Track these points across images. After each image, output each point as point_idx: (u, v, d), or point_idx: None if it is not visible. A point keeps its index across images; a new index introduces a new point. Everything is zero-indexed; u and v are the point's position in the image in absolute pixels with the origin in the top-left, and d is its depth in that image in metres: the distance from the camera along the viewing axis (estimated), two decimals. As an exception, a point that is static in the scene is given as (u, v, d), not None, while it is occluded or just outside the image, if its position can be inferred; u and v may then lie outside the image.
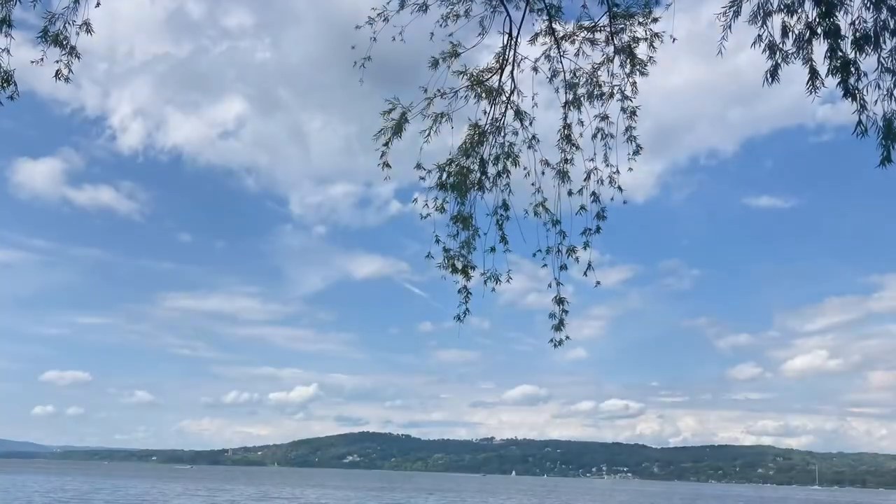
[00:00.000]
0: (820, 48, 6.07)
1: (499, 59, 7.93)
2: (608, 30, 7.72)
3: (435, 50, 7.75)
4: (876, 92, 5.85)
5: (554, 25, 7.85)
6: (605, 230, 8.08)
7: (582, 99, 8.03)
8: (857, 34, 5.87)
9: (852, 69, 5.92)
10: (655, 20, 7.56)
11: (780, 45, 6.26)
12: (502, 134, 8.17)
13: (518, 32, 7.79)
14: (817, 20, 6.04)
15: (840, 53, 5.94)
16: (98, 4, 6.59)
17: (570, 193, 8.13)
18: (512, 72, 7.97)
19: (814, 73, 6.15)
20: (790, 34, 6.19)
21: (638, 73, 7.77)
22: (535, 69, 8.00)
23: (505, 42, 7.84)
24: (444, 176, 8.05)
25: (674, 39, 7.53)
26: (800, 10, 6.15)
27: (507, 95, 8.05)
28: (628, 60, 7.74)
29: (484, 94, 8.00)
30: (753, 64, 6.44)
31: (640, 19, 7.60)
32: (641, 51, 7.69)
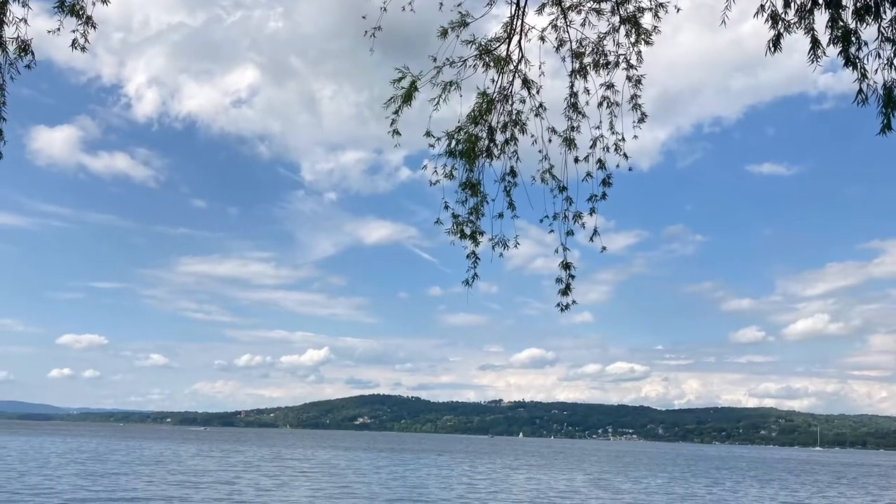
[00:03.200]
0: (821, 18, 6.15)
1: (507, 28, 8.02)
2: (614, 0, 7.81)
3: (444, 19, 7.83)
4: (876, 61, 5.92)
5: (561, -5, 7.93)
6: (610, 196, 8.25)
7: (588, 68, 8.13)
8: (858, 4, 5.94)
9: (853, 38, 6.00)
10: (660, -10, 7.63)
11: (783, 15, 6.34)
12: (510, 102, 8.29)
13: (525, 2, 7.89)
14: (819, -10, 6.12)
15: (841, 23, 6.02)
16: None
17: (576, 160, 8.27)
18: (519, 41, 8.07)
19: (815, 43, 6.22)
20: (792, 4, 6.27)
21: (643, 42, 7.85)
22: (543, 39, 8.09)
23: (513, 12, 7.93)
24: (453, 143, 8.19)
25: (678, 9, 7.61)
26: (802, -20, 6.22)
27: (515, 64, 8.16)
28: (633, 30, 7.82)
29: (492, 63, 8.10)
30: (756, 33, 6.56)
31: (646, -11, 7.66)
32: (646, 20, 7.77)
